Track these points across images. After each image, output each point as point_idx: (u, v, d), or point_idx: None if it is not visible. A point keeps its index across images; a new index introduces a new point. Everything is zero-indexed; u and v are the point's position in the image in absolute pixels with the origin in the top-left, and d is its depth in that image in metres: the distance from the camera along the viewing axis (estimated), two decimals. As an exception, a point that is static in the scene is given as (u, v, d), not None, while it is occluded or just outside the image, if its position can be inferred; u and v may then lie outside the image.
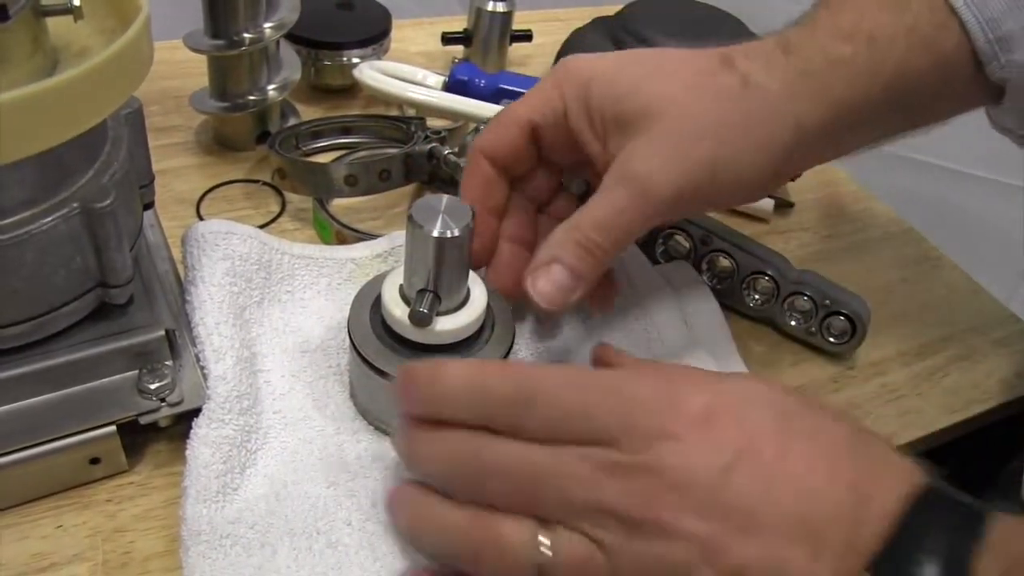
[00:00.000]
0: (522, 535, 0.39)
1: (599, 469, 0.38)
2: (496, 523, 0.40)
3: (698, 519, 0.37)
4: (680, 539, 0.37)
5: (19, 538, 0.45)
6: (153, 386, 0.48)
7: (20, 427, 0.45)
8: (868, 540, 0.36)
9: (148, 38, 0.43)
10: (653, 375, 0.42)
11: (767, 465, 0.38)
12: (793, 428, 0.39)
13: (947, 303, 0.71)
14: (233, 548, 0.44)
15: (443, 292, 0.46)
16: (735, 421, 0.39)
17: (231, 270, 0.53)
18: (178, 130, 0.75)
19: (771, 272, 0.63)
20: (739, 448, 0.38)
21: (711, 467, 0.38)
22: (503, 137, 0.52)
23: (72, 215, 0.43)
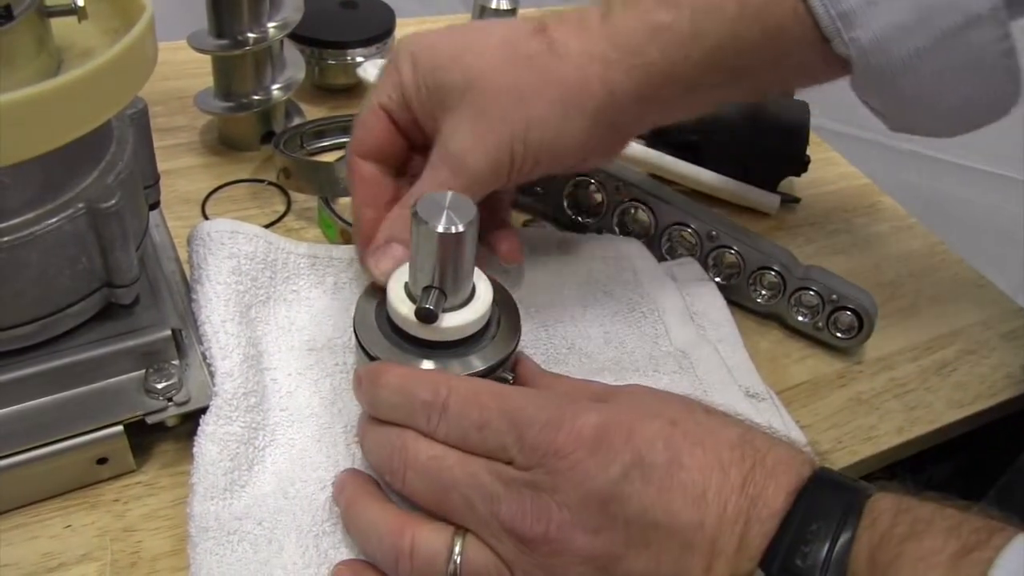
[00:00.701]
0: (437, 541, 0.41)
1: (498, 482, 0.40)
2: (415, 526, 0.42)
3: (591, 535, 0.38)
4: (574, 555, 0.38)
5: (29, 538, 0.45)
6: (160, 386, 0.48)
7: (28, 427, 0.45)
8: (758, 539, 0.37)
9: (152, 38, 0.43)
10: (552, 398, 0.43)
11: (660, 476, 0.38)
12: (683, 437, 0.40)
13: (954, 297, 0.71)
14: (240, 544, 0.44)
15: (448, 288, 0.46)
16: (625, 436, 0.39)
17: (237, 269, 0.53)
18: (183, 130, 0.76)
19: (777, 267, 0.63)
20: (630, 462, 0.39)
21: (600, 483, 0.38)
22: (368, 132, 0.53)
23: (77, 215, 0.43)
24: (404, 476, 0.43)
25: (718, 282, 0.64)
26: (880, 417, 0.60)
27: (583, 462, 0.39)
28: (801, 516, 0.37)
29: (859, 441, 0.58)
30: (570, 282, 0.61)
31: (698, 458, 0.39)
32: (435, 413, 0.42)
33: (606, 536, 0.38)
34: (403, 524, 0.42)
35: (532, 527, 0.39)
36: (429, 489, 0.42)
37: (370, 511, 0.44)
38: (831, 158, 0.87)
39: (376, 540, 0.43)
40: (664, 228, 0.65)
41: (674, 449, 0.39)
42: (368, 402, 0.45)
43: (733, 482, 0.38)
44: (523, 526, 0.39)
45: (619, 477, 0.38)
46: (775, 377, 0.60)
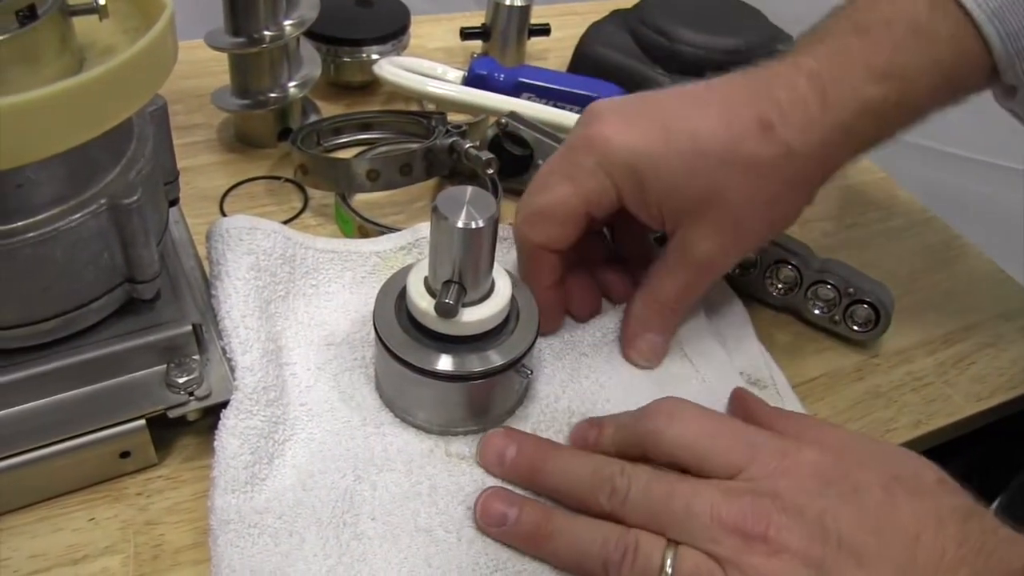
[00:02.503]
0: (653, 548, 0.43)
1: (721, 492, 0.43)
2: (633, 535, 0.43)
3: (809, 540, 0.40)
4: (792, 557, 0.40)
5: (53, 530, 0.46)
6: (181, 380, 0.48)
7: (52, 421, 0.46)
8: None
9: (173, 35, 0.44)
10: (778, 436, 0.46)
11: (873, 507, 0.41)
12: (902, 487, 0.42)
13: (972, 290, 0.71)
14: (261, 537, 0.45)
15: (468, 283, 0.46)
16: (844, 471, 0.43)
17: (255, 264, 0.53)
18: (201, 128, 0.76)
19: (794, 261, 0.63)
20: (847, 490, 0.42)
21: (820, 498, 0.41)
22: (565, 231, 0.53)
23: (100, 211, 0.44)
24: (625, 496, 0.45)
25: (734, 276, 0.64)
26: (898, 410, 0.60)
27: (805, 480, 0.42)
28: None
29: (877, 434, 0.58)
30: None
31: (913, 506, 0.41)
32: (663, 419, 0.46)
33: (822, 545, 0.40)
34: (625, 528, 0.44)
35: (754, 526, 0.41)
36: (651, 505, 0.44)
37: (578, 522, 0.46)
38: (847, 152, 0.86)
39: (601, 541, 0.44)
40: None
41: (891, 495, 0.41)
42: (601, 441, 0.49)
43: (952, 533, 0.40)
44: (744, 524, 0.41)
45: (835, 496, 0.41)
46: (792, 370, 0.60)
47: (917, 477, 0.43)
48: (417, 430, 0.51)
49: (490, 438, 0.49)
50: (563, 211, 0.52)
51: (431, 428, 0.51)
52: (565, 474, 0.47)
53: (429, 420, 0.51)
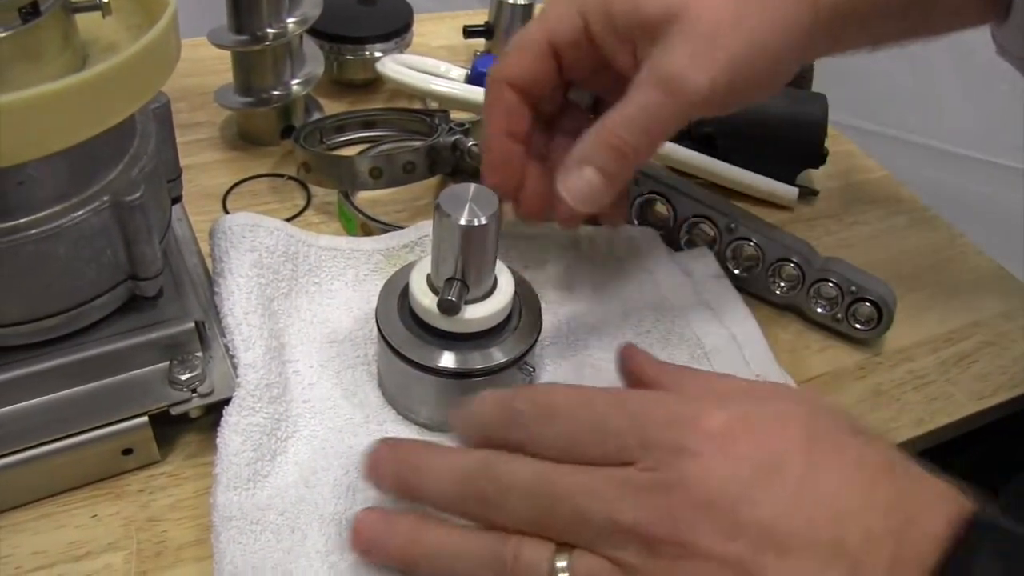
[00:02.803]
0: (539, 557, 0.38)
1: (617, 486, 0.37)
2: (512, 546, 0.38)
3: (725, 539, 0.35)
4: (704, 560, 0.35)
5: (56, 527, 0.46)
6: (184, 377, 0.48)
7: (54, 418, 0.46)
8: (913, 563, 0.34)
9: (175, 33, 0.44)
10: (672, 396, 0.41)
11: (795, 483, 0.36)
12: (822, 448, 0.37)
13: (974, 289, 0.71)
14: (263, 534, 0.45)
15: (471, 280, 0.46)
16: (756, 437, 0.37)
17: (258, 262, 0.53)
18: (203, 126, 0.76)
19: (796, 259, 0.63)
20: (761, 463, 0.36)
21: (731, 483, 0.36)
22: (524, 62, 0.51)
23: (103, 208, 0.44)
24: (498, 501, 0.39)
25: (736, 274, 0.64)
26: (900, 409, 0.60)
27: (711, 459, 0.36)
28: (971, 546, 0.34)
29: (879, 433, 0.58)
30: (587, 280, 0.61)
31: (837, 473, 0.36)
32: (541, 419, 0.40)
33: (739, 540, 0.35)
34: (503, 536, 0.39)
35: (659, 529, 0.36)
36: (534, 508, 0.38)
37: (452, 536, 0.41)
38: (849, 151, 0.86)
39: (474, 559, 0.39)
40: (683, 221, 0.65)
41: (811, 459, 0.36)
42: (465, 425, 0.43)
43: (879, 501, 0.35)
44: (649, 528, 0.36)
45: (750, 479, 0.36)
46: (794, 369, 0.60)
47: (835, 431, 0.38)
48: (419, 427, 0.51)
49: (370, 452, 0.44)
50: (525, 41, 0.51)
51: (433, 426, 0.51)
52: (435, 483, 0.42)
53: (431, 417, 0.51)
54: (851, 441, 0.38)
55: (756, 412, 0.39)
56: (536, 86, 0.52)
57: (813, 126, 0.75)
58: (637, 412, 0.39)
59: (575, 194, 0.48)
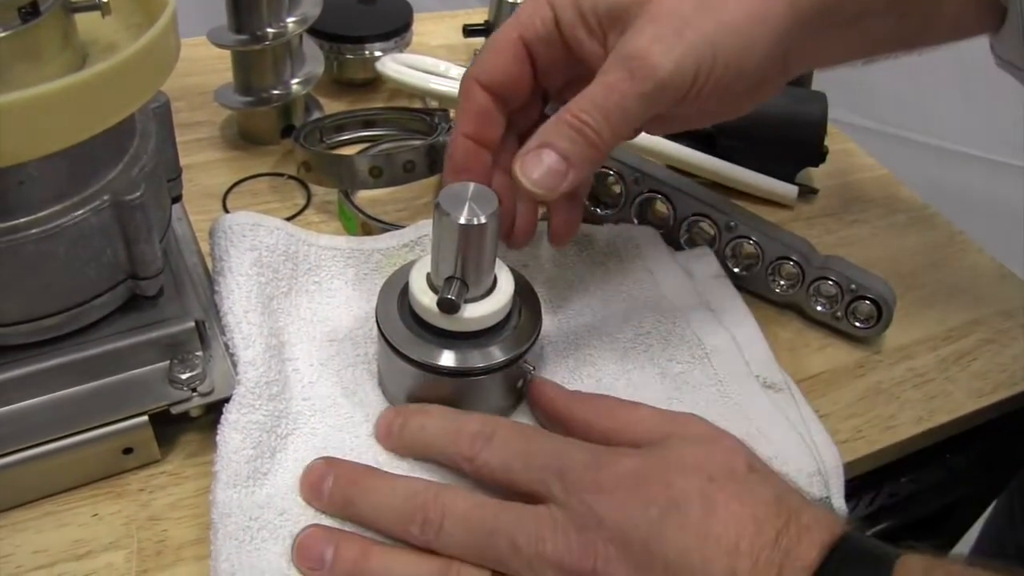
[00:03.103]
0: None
1: (543, 522, 0.41)
2: (458, 564, 0.42)
3: (636, 570, 0.40)
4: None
5: (58, 526, 0.46)
6: (184, 376, 0.48)
7: (55, 418, 0.46)
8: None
9: (175, 32, 0.44)
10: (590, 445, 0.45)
11: (694, 523, 0.40)
12: (719, 491, 0.41)
13: (974, 287, 0.71)
14: (260, 531, 0.45)
15: (470, 279, 0.46)
16: (663, 484, 0.41)
17: (258, 261, 0.53)
18: (203, 125, 0.76)
19: (796, 257, 0.63)
20: (666, 505, 0.41)
21: (642, 520, 0.40)
22: (496, 61, 0.50)
23: (103, 208, 0.44)
24: (440, 527, 0.43)
25: (736, 272, 0.65)
26: (899, 407, 0.60)
27: (624, 500, 0.41)
28: (833, 571, 0.38)
29: (878, 431, 0.58)
30: (587, 279, 0.61)
31: (733, 511, 0.40)
32: (481, 440, 0.45)
33: (649, 574, 0.40)
34: (446, 563, 0.43)
35: (580, 562, 0.40)
36: (469, 537, 0.42)
37: (399, 560, 0.43)
38: (849, 149, 0.86)
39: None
40: (683, 219, 0.65)
41: (709, 501, 0.41)
42: (411, 433, 0.48)
43: (767, 536, 0.40)
44: (570, 561, 0.40)
45: (657, 518, 0.40)
46: (794, 367, 0.60)
47: (730, 471, 0.43)
48: None
49: (309, 469, 0.47)
50: (497, 41, 0.50)
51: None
52: (377, 506, 0.45)
53: (431, 416, 0.51)
54: (745, 479, 0.42)
55: (662, 462, 0.43)
56: (509, 88, 0.51)
57: (813, 124, 0.75)
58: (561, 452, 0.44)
59: (532, 177, 0.45)
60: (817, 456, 0.50)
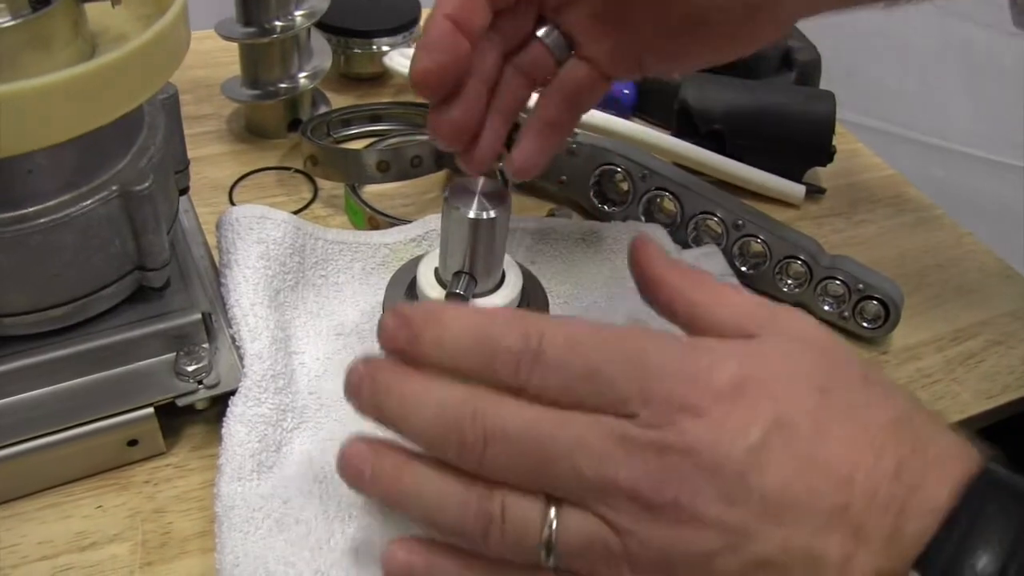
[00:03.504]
0: (528, 511, 0.36)
1: (615, 443, 0.34)
2: (500, 496, 0.36)
3: (725, 505, 0.34)
4: (704, 526, 0.34)
5: (62, 517, 0.46)
6: (190, 368, 0.48)
7: (61, 408, 0.46)
8: (915, 535, 0.33)
9: (185, 23, 0.44)
10: (679, 342, 0.38)
11: (802, 447, 0.34)
12: (834, 405, 0.35)
13: (981, 288, 0.71)
14: (265, 522, 0.44)
15: (479, 274, 0.46)
16: (767, 394, 0.35)
17: (265, 254, 0.53)
18: (210, 118, 0.76)
19: (804, 257, 0.63)
20: (770, 426, 0.34)
21: (739, 447, 0.34)
22: None
23: (111, 198, 0.44)
24: (484, 453, 0.36)
25: (744, 271, 0.64)
26: (906, 407, 0.60)
27: (720, 421, 0.34)
28: (970, 518, 0.32)
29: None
30: (594, 276, 0.61)
31: (847, 434, 0.35)
32: (526, 362, 0.36)
33: (742, 510, 0.34)
34: (491, 487, 0.36)
35: (661, 492, 0.34)
36: (522, 464, 0.36)
37: (435, 480, 0.37)
38: (856, 149, 0.86)
39: (457, 508, 0.37)
40: (690, 217, 0.65)
41: (820, 420, 0.35)
42: (427, 345, 0.38)
43: (885, 468, 0.34)
44: (650, 491, 0.34)
45: (758, 443, 0.34)
46: (801, 366, 0.60)
47: (846, 381, 0.37)
48: None
49: (350, 371, 0.40)
50: None
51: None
52: (414, 417, 0.37)
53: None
54: (862, 397, 0.36)
55: (768, 366, 0.36)
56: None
57: (821, 124, 0.75)
58: (639, 359, 0.36)
59: None
60: None
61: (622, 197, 0.67)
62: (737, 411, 0.34)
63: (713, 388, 0.35)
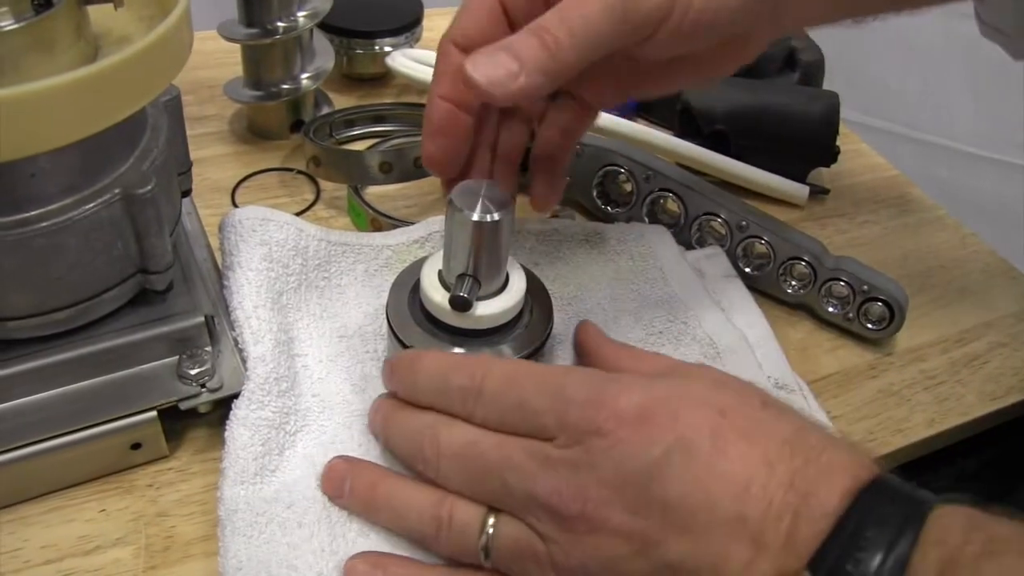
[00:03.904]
0: (472, 517, 0.42)
1: (537, 462, 0.40)
2: (449, 504, 0.42)
3: (629, 515, 0.38)
4: (613, 534, 0.38)
5: (65, 521, 0.46)
6: (193, 372, 0.48)
7: (64, 412, 0.46)
8: (808, 539, 0.35)
9: (188, 25, 0.44)
10: (594, 375, 0.42)
11: (701, 462, 0.37)
12: (732, 426, 0.39)
13: (986, 289, 0.71)
14: (268, 526, 0.44)
15: (483, 277, 0.46)
16: (668, 419, 0.39)
17: (268, 256, 0.53)
18: (212, 119, 0.76)
19: (808, 258, 0.62)
20: (672, 445, 0.38)
21: (642, 463, 0.38)
22: (472, 20, 0.47)
23: (114, 201, 0.44)
24: (438, 465, 0.43)
25: (748, 272, 0.64)
26: (911, 409, 0.59)
27: (624, 441, 0.38)
28: (857, 520, 0.35)
29: (890, 433, 0.57)
30: (598, 277, 0.60)
31: (743, 451, 0.38)
32: (471, 397, 0.43)
33: (645, 517, 0.37)
34: (442, 496, 0.43)
35: (569, 505, 0.39)
36: (464, 475, 0.43)
37: (402, 488, 0.45)
38: (860, 149, 0.86)
39: (416, 514, 0.43)
40: (694, 218, 0.65)
41: (719, 438, 0.38)
42: (405, 389, 0.46)
43: (780, 478, 0.37)
44: (560, 503, 0.39)
45: (660, 457, 0.38)
46: (805, 368, 0.59)
47: (742, 405, 0.40)
48: None
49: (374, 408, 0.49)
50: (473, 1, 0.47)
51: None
52: (393, 439, 0.47)
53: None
54: (758, 418, 0.40)
55: (671, 394, 0.40)
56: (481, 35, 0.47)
57: (825, 124, 0.75)
58: (558, 392, 0.41)
59: (480, 70, 0.43)
60: None
61: (625, 198, 0.67)
62: (640, 432, 0.39)
63: (618, 413, 0.39)
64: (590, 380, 0.41)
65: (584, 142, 0.66)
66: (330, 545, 0.44)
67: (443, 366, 0.45)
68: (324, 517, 0.45)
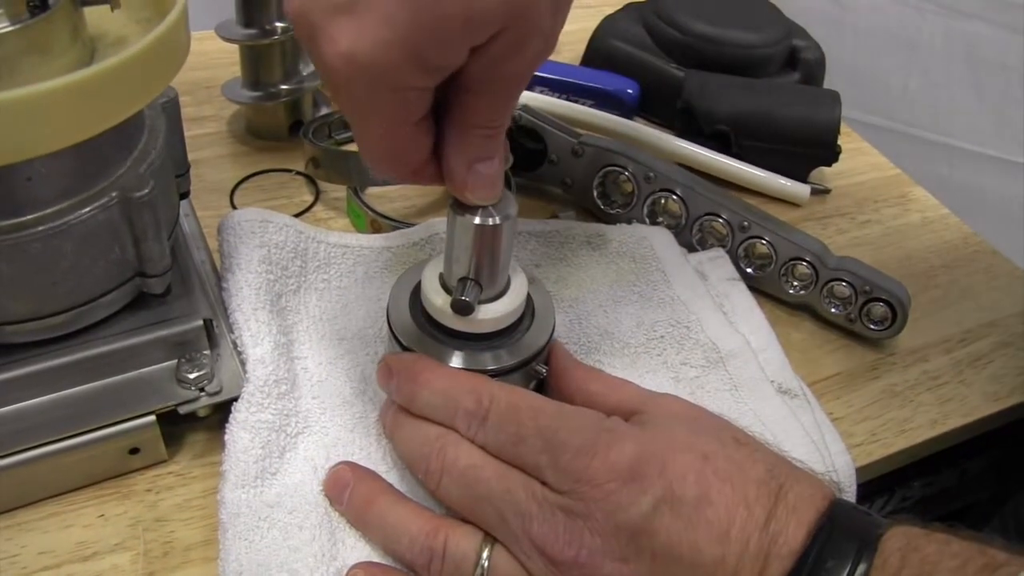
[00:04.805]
0: (467, 545, 0.43)
1: (536, 502, 0.41)
2: (444, 534, 0.43)
3: (620, 563, 0.40)
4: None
5: (63, 527, 0.46)
6: (192, 376, 0.48)
7: (62, 417, 0.45)
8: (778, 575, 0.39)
9: (185, 27, 0.43)
10: (588, 421, 0.43)
11: (688, 512, 0.40)
12: (713, 472, 0.41)
13: (989, 289, 0.70)
14: (270, 531, 0.44)
15: (484, 280, 0.46)
16: (659, 469, 0.41)
17: (267, 258, 0.53)
18: (210, 120, 0.76)
19: (809, 258, 0.62)
20: (660, 498, 0.40)
21: (633, 515, 0.40)
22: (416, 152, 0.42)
23: (111, 205, 0.43)
24: (440, 480, 0.44)
25: (749, 273, 0.64)
26: (914, 410, 0.59)
27: (616, 493, 0.40)
28: (816, 554, 0.38)
29: (893, 434, 0.57)
30: (599, 279, 0.60)
31: (726, 495, 0.40)
32: (475, 422, 0.44)
33: (633, 566, 0.40)
34: (437, 525, 0.44)
35: (563, 551, 0.40)
36: (464, 496, 0.44)
37: (396, 510, 0.45)
38: (861, 148, 0.86)
39: (408, 540, 0.44)
40: (695, 218, 0.65)
41: (704, 485, 0.40)
42: (404, 398, 0.46)
43: (757, 519, 0.40)
44: (554, 549, 0.40)
45: (650, 511, 0.40)
46: (807, 369, 0.59)
47: (723, 447, 0.42)
48: None
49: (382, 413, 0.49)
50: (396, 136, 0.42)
51: (444, 425, 0.50)
52: (402, 443, 0.47)
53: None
54: (737, 457, 0.42)
55: (657, 446, 0.42)
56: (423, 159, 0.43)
57: (826, 124, 0.75)
58: (553, 435, 0.42)
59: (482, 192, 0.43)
60: (831, 464, 0.50)
61: (626, 199, 0.67)
62: (631, 485, 0.40)
63: (610, 465, 0.41)
64: (585, 426, 0.43)
65: (585, 142, 0.66)
66: (331, 550, 0.44)
67: (450, 386, 0.45)
68: (326, 521, 0.45)
